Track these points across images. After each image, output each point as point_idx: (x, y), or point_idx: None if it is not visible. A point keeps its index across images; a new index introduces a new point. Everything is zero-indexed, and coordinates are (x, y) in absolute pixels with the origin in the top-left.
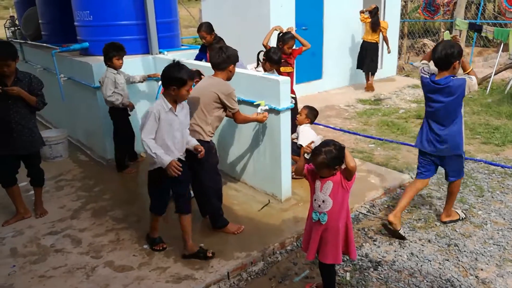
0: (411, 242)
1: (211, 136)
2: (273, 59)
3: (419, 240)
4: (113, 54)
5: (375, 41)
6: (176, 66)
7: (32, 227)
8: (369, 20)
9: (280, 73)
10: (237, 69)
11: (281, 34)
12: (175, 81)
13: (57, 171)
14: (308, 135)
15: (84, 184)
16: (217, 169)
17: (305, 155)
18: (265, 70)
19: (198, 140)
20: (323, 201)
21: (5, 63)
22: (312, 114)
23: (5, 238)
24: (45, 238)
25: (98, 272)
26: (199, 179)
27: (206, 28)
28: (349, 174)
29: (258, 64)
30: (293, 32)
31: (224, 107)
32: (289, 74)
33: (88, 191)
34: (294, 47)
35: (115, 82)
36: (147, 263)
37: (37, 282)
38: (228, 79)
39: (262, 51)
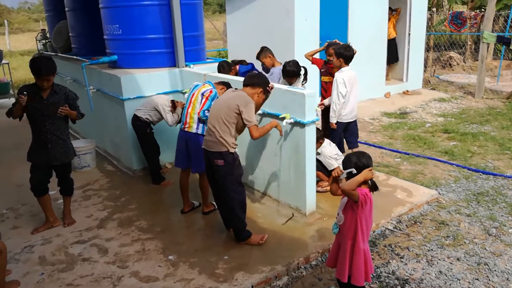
0: (439, 260)
1: (235, 148)
2: (287, 72)
3: (448, 258)
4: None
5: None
6: None
7: (60, 236)
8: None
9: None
10: None
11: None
12: None
13: (84, 181)
14: (331, 152)
15: (110, 194)
16: (241, 181)
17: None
18: (290, 84)
19: (224, 152)
20: (338, 214)
21: (46, 78)
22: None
23: (34, 246)
24: (73, 246)
25: (124, 282)
26: (224, 191)
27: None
28: (346, 195)
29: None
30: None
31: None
32: (326, 84)
33: (115, 201)
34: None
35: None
36: (172, 274)
37: None
38: (255, 102)
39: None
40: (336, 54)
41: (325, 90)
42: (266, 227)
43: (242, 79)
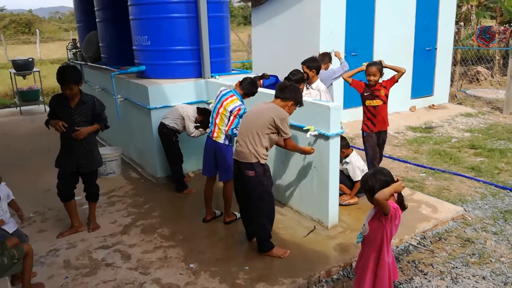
0: (464, 278)
1: (266, 159)
2: (295, 81)
3: (473, 276)
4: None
5: None
6: None
7: (85, 241)
8: None
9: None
10: None
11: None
12: None
13: (109, 187)
14: (360, 162)
15: (134, 201)
16: (271, 191)
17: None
18: None
19: (255, 163)
20: (364, 225)
21: (68, 87)
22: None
23: (59, 249)
24: (97, 252)
25: None
26: (254, 201)
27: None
28: (378, 206)
29: None
30: (383, 63)
31: (278, 131)
32: (375, 108)
33: (138, 208)
34: (382, 78)
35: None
36: (193, 283)
37: None
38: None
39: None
40: (309, 67)
41: (374, 115)
42: (287, 238)
43: (268, 91)
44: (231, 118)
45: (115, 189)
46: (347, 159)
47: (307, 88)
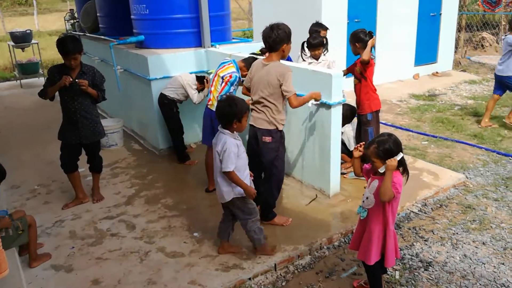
0: (464, 243)
1: (283, 124)
2: (314, 44)
3: (473, 242)
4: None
5: None
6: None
7: (90, 211)
8: None
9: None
10: (288, 63)
11: None
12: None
13: (112, 159)
14: (352, 133)
15: (137, 172)
16: (284, 159)
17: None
18: (316, 55)
19: (273, 130)
20: (367, 198)
21: (73, 57)
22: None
23: (64, 221)
24: (102, 222)
25: (151, 257)
26: (267, 167)
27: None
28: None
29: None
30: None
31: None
32: (355, 87)
33: (142, 179)
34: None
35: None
36: (197, 251)
37: (94, 264)
38: (283, 58)
39: (305, 41)
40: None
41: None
42: (289, 207)
43: None
44: (223, 84)
45: (118, 160)
46: (342, 129)
47: (324, 54)
